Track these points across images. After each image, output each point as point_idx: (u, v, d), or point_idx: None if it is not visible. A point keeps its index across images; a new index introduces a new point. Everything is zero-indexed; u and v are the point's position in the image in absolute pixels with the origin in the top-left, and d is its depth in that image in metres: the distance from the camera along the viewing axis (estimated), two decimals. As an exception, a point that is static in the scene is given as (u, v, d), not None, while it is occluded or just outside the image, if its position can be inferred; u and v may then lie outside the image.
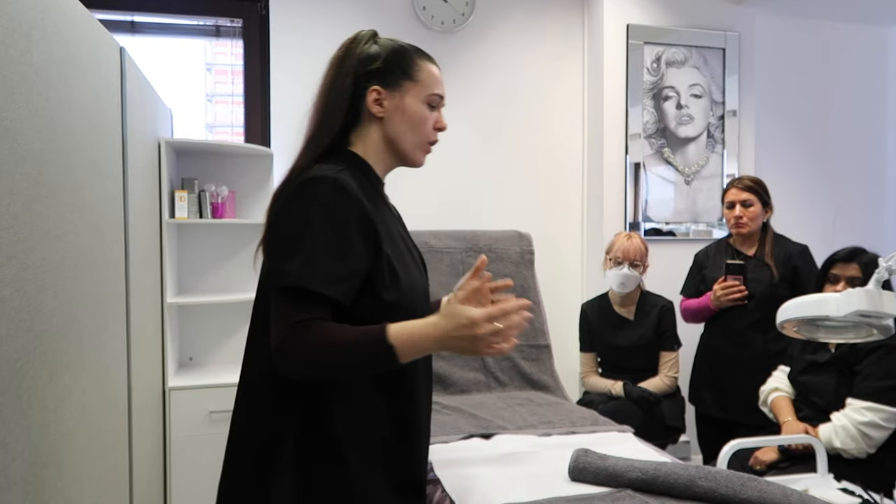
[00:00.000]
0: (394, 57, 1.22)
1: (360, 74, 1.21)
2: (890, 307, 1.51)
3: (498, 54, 3.32)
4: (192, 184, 2.73)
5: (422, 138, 1.24)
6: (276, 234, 1.13)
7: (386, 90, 1.21)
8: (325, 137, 1.21)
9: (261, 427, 1.14)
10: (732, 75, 3.42)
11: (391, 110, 1.21)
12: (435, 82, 1.24)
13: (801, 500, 1.31)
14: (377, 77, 1.21)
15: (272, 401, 1.13)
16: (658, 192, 3.35)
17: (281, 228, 1.13)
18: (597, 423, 2.03)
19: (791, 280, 2.55)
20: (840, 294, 1.57)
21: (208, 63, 9.45)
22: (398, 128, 1.22)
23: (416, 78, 1.22)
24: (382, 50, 1.23)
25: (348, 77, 1.20)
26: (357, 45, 1.23)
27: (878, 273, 1.53)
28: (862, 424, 2.00)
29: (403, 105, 1.21)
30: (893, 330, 1.59)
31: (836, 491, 1.78)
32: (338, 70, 1.22)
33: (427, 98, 1.23)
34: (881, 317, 1.53)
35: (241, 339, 2.89)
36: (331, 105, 1.21)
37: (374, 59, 1.21)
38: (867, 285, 1.55)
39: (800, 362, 2.29)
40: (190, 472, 2.48)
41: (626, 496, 1.38)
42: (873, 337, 1.64)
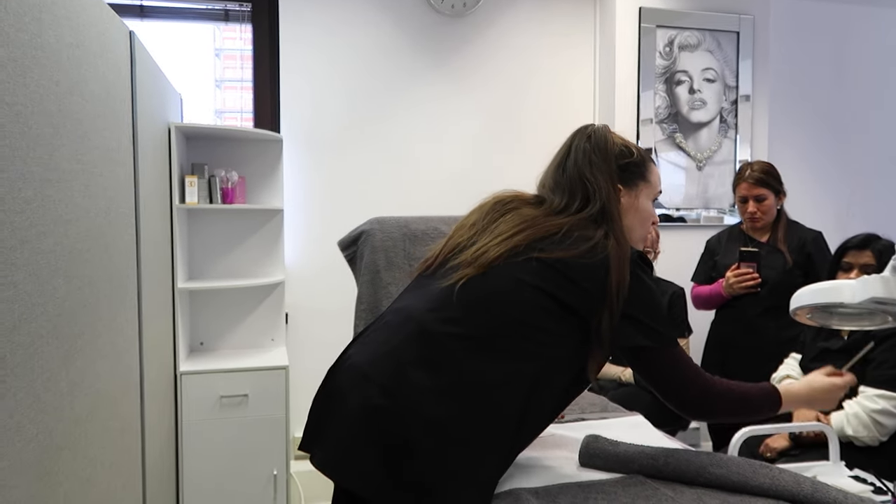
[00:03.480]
0: (637, 162, 1.38)
1: (616, 177, 1.34)
2: (905, 294, 1.49)
3: (508, 38, 3.29)
4: (202, 169, 2.74)
5: (645, 232, 1.41)
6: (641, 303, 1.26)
7: (625, 188, 1.36)
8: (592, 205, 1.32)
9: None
10: (746, 59, 3.38)
11: (627, 207, 1.36)
12: (658, 182, 1.42)
13: (813, 488, 1.30)
14: (621, 178, 1.35)
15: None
16: (669, 178, 3.32)
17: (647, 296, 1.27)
18: (607, 410, 2.03)
19: (804, 267, 2.52)
20: (855, 281, 1.55)
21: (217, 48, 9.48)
22: (630, 223, 1.36)
23: (648, 180, 1.39)
24: (629, 155, 1.37)
25: (606, 179, 1.32)
26: (613, 148, 1.36)
27: (893, 260, 1.51)
28: (874, 412, 1.99)
29: (637, 204, 1.37)
30: (908, 317, 1.57)
31: (848, 479, 1.77)
32: (591, 159, 1.34)
33: (653, 196, 1.41)
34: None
35: (250, 324, 2.92)
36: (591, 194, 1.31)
37: (622, 165, 1.36)
38: (883, 272, 1.53)
39: (812, 349, 2.27)
40: (201, 456, 2.50)
41: (637, 482, 1.37)
42: (888, 324, 1.62)
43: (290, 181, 3.07)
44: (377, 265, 2.11)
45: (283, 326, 2.95)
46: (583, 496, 1.31)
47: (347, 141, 3.15)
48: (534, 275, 1.22)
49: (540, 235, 1.26)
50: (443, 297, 1.24)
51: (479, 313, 1.21)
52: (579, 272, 1.22)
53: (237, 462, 2.54)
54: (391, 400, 1.15)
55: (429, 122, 3.24)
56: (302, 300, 3.09)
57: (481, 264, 1.25)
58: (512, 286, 1.22)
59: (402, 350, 1.20)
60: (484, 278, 1.24)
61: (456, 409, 1.14)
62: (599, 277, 1.22)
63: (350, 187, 3.15)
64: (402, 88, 3.20)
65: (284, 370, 2.60)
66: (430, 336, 1.20)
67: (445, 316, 1.21)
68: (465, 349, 1.18)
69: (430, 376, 1.16)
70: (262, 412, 2.56)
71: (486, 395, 1.16)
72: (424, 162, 3.24)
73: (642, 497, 1.30)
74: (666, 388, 1.30)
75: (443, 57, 3.23)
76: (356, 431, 1.15)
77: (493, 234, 1.29)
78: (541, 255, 1.23)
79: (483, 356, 1.18)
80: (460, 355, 1.18)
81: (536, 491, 1.33)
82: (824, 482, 1.36)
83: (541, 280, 1.21)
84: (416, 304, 1.28)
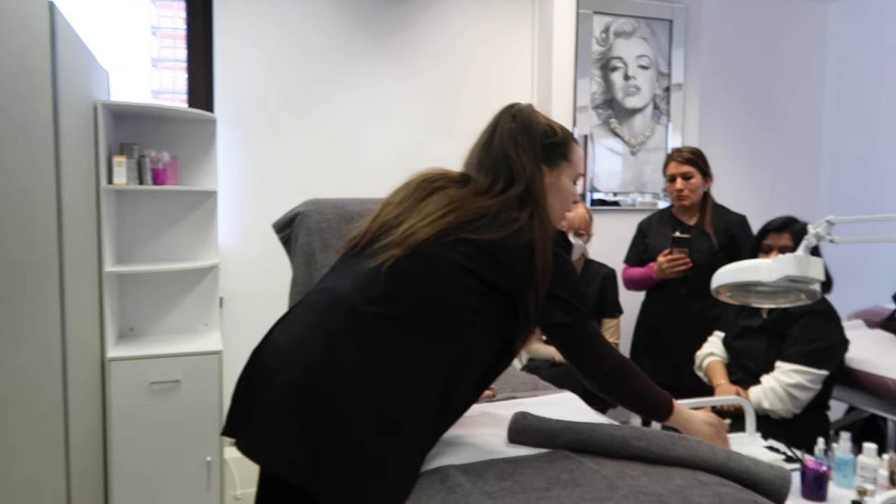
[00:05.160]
0: (561, 143, 1.40)
1: (541, 158, 1.36)
2: (816, 272, 1.57)
3: (448, 21, 3.29)
4: (131, 149, 2.64)
5: (564, 211, 1.43)
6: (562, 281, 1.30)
7: (548, 168, 1.37)
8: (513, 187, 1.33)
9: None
10: (679, 48, 3.47)
11: (550, 187, 1.37)
12: (580, 161, 1.45)
13: (727, 457, 1.37)
14: (544, 159, 1.37)
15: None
16: (606, 163, 3.39)
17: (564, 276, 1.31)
18: (538, 388, 2.07)
19: (729, 249, 2.62)
20: (771, 260, 1.63)
21: (153, 26, 9.10)
22: (552, 202, 1.37)
23: (570, 159, 1.41)
24: (554, 135, 1.39)
25: (530, 159, 1.34)
26: (537, 129, 1.38)
27: (806, 240, 1.59)
28: (789, 386, 2.10)
29: (559, 184, 1.39)
30: (820, 294, 1.66)
31: (763, 449, 1.87)
32: (516, 140, 1.36)
33: (574, 176, 1.43)
34: (808, 282, 1.60)
35: (183, 309, 2.85)
36: (515, 175, 1.33)
37: (545, 145, 1.38)
38: (796, 252, 1.61)
39: (734, 327, 2.37)
40: (131, 444, 2.44)
41: (562, 456, 1.41)
42: (801, 301, 1.70)
43: (224, 163, 3.00)
44: (312, 247, 2.09)
45: (217, 311, 2.89)
46: (509, 470, 1.34)
47: (284, 122, 3.09)
48: (462, 256, 1.23)
49: (468, 217, 1.27)
50: (370, 277, 1.24)
51: (406, 294, 1.22)
52: (506, 253, 1.25)
53: (169, 449, 2.49)
54: (315, 380, 1.15)
55: (368, 105, 3.21)
56: (237, 284, 3.03)
57: (409, 245, 1.25)
58: (440, 267, 1.23)
59: (328, 330, 1.19)
60: (412, 259, 1.24)
61: (382, 388, 1.15)
62: (525, 258, 1.25)
63: (287, 169, 3.10)
64: (341, 70, 3.16)
65: (218, 355, 2.55)
66: (357, 316, 1.20)
67: (373, 296, 1.22)
68: (392, 329, 1.19)
69: (357, 356, 1.16)
70: (195, 398, 2.51)
71: (413, 373, 1.18)
72: (364, 144, 3.22)
73: (567, 470, 1.34)
74: (583, 360, 1.35)
75: (382, 39, 3.20)
76: (281, 414, 1.14)
77: (422, 215, 1.29)
78: (469, 237, 1.25)
79: (410, 336, 1.19)
80: (387, 335, 1.18)
81: (464, 467, 1.35)
82: (738, 452, 1.42)
83: (468, 261, 1.23)
84: (343, 284, 1.27)
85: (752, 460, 1.38)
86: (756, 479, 1.34)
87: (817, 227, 1.60)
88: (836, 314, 2.25)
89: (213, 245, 2.87)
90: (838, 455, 1.71)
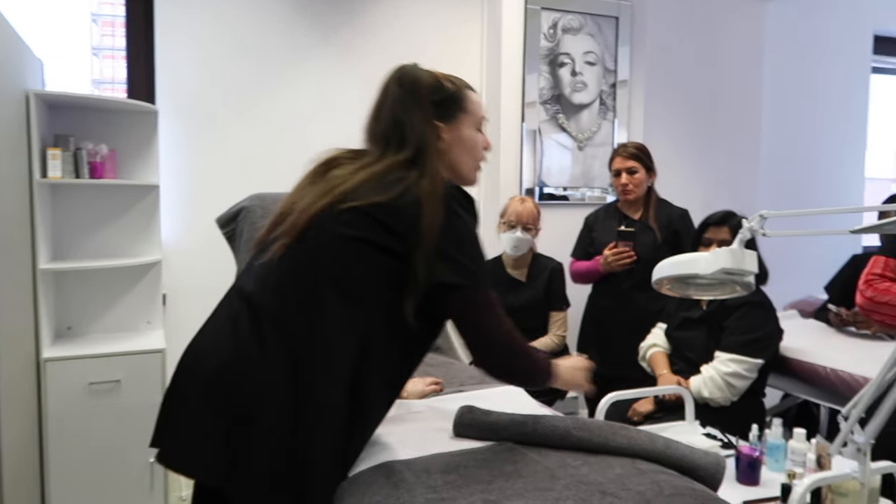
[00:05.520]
0: (448, 92, 1.36)
1: (431, 115, 1.32)
2: (751, 265, 1.62)
3: (396, 15, 3.27)
4: (67, 141, 2.55)
5: (475, 160, 1.41)
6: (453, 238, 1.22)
7: (444, 124, 1.33)
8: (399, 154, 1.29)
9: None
10: (625, 45, 3.53)
11: (450, 142, 1.34)
12: (479, 108, 1.41)
13: (665, 445, 1.40)
14: (437, 115, 1.33)
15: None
16: (555, 158, 3.43)
17: (458, 232, 1.23)
18: (484, 382, 2.08)
19: (672, 243, 2.69)
20: (708, 253, 1.67)
21: (94, 14, 8.71)
22: (457, 156, 1.35)
23: (467, 109, 1.37)
24: (442, 88, 1.36)
25: (419, 118, 1.30)
26: (422, 86, 1.34)
27: (741, 233, 1.63)
28: (727, 375, 2.17)
29: (460, 136, 1.36)
30: (754, 286, 1.72)
31: (700, 436, 1.93)
32: (402, 103, 1.32)
33: (476, 123, 1.39)
34: (743, 274, 1.65)
35: (125, 307, 2.77)
36: (405, 136, 1.30)
37: (436, 100, 1.34)
38: (732, 245, 1.66)
39: (675, 319, 2.44)
40: (69, 447, 2.36)
41: (506, 448, 1.43)
42: (737, 293, 1.76)
43: (167, 156, 2.92)
44: (257, 243, 2.06)
45: (160, 308, 2.82)
46: (454, 464, 1.34)
47: (229, 114, 3.03)
48: (348, 226, 1.20)
49: (353, 186, 1.23)
50: (267, 270, 1.23)
51: (300, 279, 1.19)
52: (391, 214, 1.20)
53: (110, 452, 2.42)
54: (224, 381, 1.15)
55: (315, 98, 3.17)
56: (181, 280, 2.96)
57: (297, 229, 1.22)
58: (328, 244, 1.20)
59: (235, 328, 1.19)
60: (302, 243, 1.21)
61: (290, 379, 1.14)
62: (411, 216, 1.19)
63: (232, 163, 3.04)
64: (288, 62, 3.11)
65: (161, 353, 2.49)
66: (258, 309, 1.19)
67: (270, 287, 1.21)
68: (292, 317, 1.17)
69: (261, 351, 1.15)
70: (137, 398, 2.44)
71: (318, 359, 1.15)
72: (310, 138, 3.18)
73: (510, 462, 1.35)
74: (472, 331, 1.26)
75: (329, 32, 3.16)
76: (194, 417, 1.14)
77: (311, 196, 1.26)
78: (353, 205, 1.21)
79: (310, 321, 1.16)
80: (288, 325, 1.17)
81: (409, 462, 1.35)
82: (677, 440, 1.46)
83: (355, 230, 1.19)
84: (248, 281, 1.26)
85: (688, 448, 1.42)
86: (692, 465, 1.38)
87: (752, 221, 1.65)
88: (771, 305, 2.33)
89: (155, 241, 2.79)
90: (770, 440, 1.78)
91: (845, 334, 2.84)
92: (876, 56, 4.56)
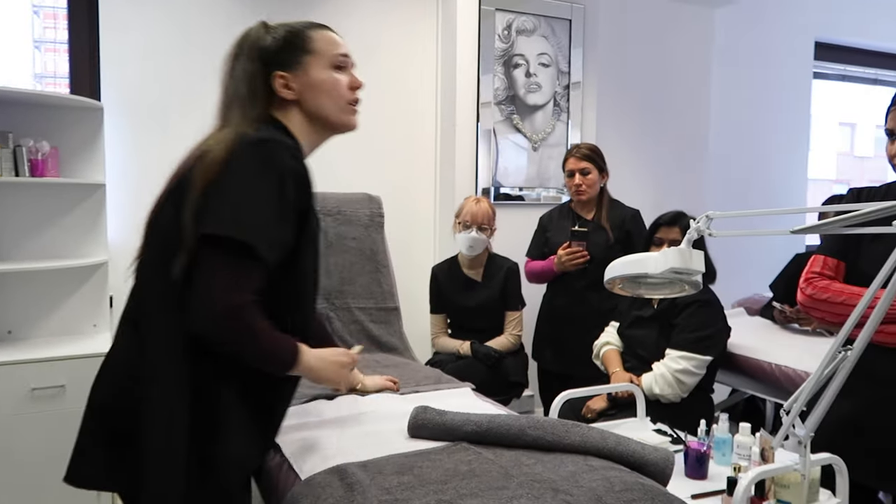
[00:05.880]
0: (287, 39, 1.26)
1: (261, 66, 1.24)
2: (698, 264, 1.66)
3: (349, 13, 3.24)
4: (5, 138, 2.45)
5: (341, 101, 1.29)
6: (228, 184, 1.09)
7: (289, 72, 1.25)
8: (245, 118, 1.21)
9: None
10: (578, 47, 3.57)
11: (302, 88, 1.25)
12: (332, 45, 1.29)
13: (616, 442, 1.43)
14: (277, 63, 1.24)
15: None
16: (510, 158, 3.45)
17: (235, 180, 1.10)
18: (440, 382, 2.09)
19: (624, 243, 2.73)
20: (658, 253, 1.71)
21: (35, 5, 8.42)
22: (315, 101, 1.26)
23: (312, 50, 1.26)
24: (275, 36, 1.26)
25: (247, 72, 1.24)
26: (248, 40, 1.26)
27: (689, 233, 1.67)
28: (677, 372, 2.22)
29: (310, 79, 1.25)
30: (702, 285, 1.76)
31: (651, 432, 1.97)
32: (233, 64, 1.26)
33: (330, 63, 1.28)
34: (691, 273, 1.68)
35: (69, 310, 2.68)
36: (241, 95, 1.23)
37: (270, 48, 1.25)
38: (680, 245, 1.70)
39: (627, 317, 2.48)
40: (11, 454, 2.27)
41: (461, 448, 1.44)
42: (685, 292, 1.79)
43: (113, 153, 2.83)
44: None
45: (107, 311, 2.73)
46: (409, 465, 1.34)
47: (178, 111, 2.95)
48: (174, 206, 1.14)
49: (188, 166, 1.17)
50: (134, 277, 1.24)
51: (150, 277, 1.20)
52: (195, 175, 1.12)
53: (54, 460, 2.31)
54: (109, 393, 1.22)
55: (268, 96, 3.12)
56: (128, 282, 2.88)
57: (147, 229, 1.22)
58: (164, 233, 1.16)
59: (116, 341, 1.24)
60: (148, 244, 1.21)
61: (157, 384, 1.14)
62: (199, 170, 1.12)
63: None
64: (239, 59, 3.05)
65: (108, 357, 2.41)
66: (127, 316, 1.24)
67: (134, 293, 1.24)
68: (150, 318, 1.17)
69: (125, 355, 1.20)
70: (83, 404, 2.34)
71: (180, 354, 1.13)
72: (264, 137, 3.12)
73: (465, 462, 1.36)
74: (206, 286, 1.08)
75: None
76: (86, 429, 1.23)
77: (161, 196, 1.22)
78: (180, 180, 1.16)
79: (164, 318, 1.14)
80: (147, 328, 1.17)
81: (364, 464, 1.35)
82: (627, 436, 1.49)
83: (179, 207, 1.12)
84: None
85: (638, 444, 1.45)
86: (642, 461, 1.41)
87: (699, 222, 1.69)
88: (719, 303, 2.40)
89: (101, 241, 2.71)
90: (717, 435, 1.83)
91: (789, 331, 2.95)
92: (817, 62, 4.73)
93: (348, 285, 2.64)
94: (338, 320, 2.55)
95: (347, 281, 2.65)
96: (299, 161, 1.17)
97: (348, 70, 1.31)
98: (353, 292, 2.64)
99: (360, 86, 1.32)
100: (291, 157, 1.15)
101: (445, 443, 1.48)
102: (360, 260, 2.69)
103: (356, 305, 2.62)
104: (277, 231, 1.11)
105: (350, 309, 2.60)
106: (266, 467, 1.52)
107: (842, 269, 1.75)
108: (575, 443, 1.43)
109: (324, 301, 2.58)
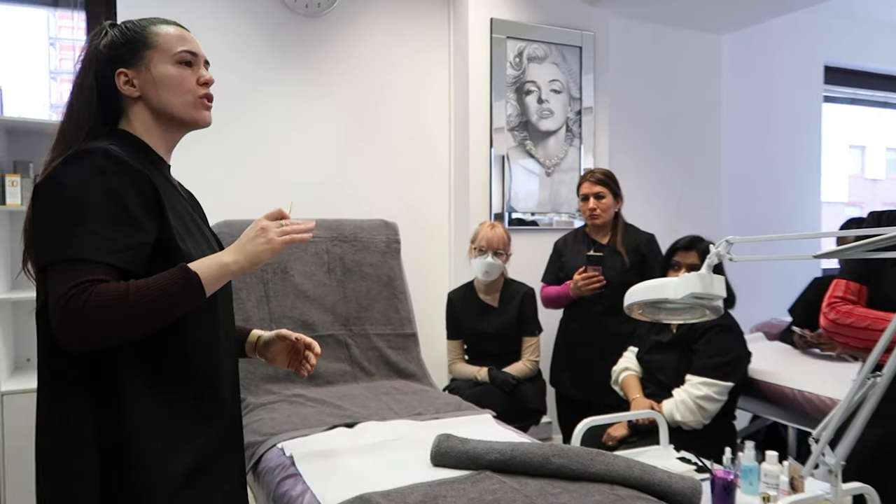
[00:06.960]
0: (127, 35, 1.23)
1: (102, 65, 1.21)
2: (719, 289, 1.65)
3: (365, 41, 3.29)
4: (26, 167, 2.49)
5: (188, 97, 1.25)
6: (48, 210, 1.08)
7: (132, 69, 1.22)
8: (81, 130, 1.18)
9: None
10: (588, 73, 3.60)
11: (144, 84, 1.22)
12: (176, 41, 1.25)
13: (642, 471, 1.41)
14: (119, 61, 1.21)
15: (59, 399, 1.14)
16: (523, 184, 3.46)
17: (54, 203, 1.07)
18: (460, 409, 2.08)
19: (640, 267, 2.72)
20: (678, 278, 1.70)
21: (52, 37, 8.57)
22: (158, 97, 1.23)
23: (154, 44, 1.23)
24: (116, 34, 1.23)
25: (90, 71, 1.21)
26: (95, 39, 1.24)
27: (709, 259, 1.67)
28: (699, 398, 2.19)
29: (152, 75, 1.22)
30: (723, 310, 1.75)
31: (675, 460, 1.94)
32: (82, 67, 1.23)
33: (174, 58, 1.24)
34: (712, 298, 1.67)
35: (87, 337, 2.68)
36: (81, 100, 1.20)
37: (111, 45, 1.22)
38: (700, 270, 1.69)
39: (646, 342, 2.46)
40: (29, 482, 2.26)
41: (485, 477, 1.42)
42: (706, 317, 1.79)
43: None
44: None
45: (124, 338, 2.74)
46: (433, 494, 1.33)
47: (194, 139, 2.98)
48: None
49: None
50: None
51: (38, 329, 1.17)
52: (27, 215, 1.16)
53: (71, 488, 2.32)
54: None
55: (283, 124, 3.16)
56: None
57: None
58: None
59: None
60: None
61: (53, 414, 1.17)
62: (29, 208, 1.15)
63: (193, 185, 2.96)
64: (255, 88, 3.10)
65: (125, 385, 2.41)
66: None
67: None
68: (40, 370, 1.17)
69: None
70: (100, 431, 2.36)
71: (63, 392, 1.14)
72: (278, 163, 3.16)
73: (489, 491, 1.34)
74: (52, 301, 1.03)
75: (297, 58, 3.16)
76: None
77: None
78: None
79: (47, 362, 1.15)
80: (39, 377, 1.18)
81: (388, 493, 1.33)
82: (653, 465, 1.47)
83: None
84: None
85: (665, 472, 1.42)
86: (669, 490, 1.39)
87: (718, 247, 1.69)
88: (738, 328, 2.38)
89: (118, 269, 2.72)
90: (743, 463, 1.79)
91: (810, 356, 2.91)
92: (827, 86, 4.75)
93: (366, 311, 2.64)
94: (356, 346, 2.55)
95: (365, 307, 2.65)
96: (118, 163, 1.09)
97: (197, 66, 1.28)
98: (371, 318, 2.64)
99: (211, 82, 1.29)
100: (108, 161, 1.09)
101: (469, 471, 1.46)
102: (377, 286, 2.70)
103: (374, 332, 2.62)
104: (120, 235, 1.07)
105: (368, 335, 2.60)
106: (287, 496, 1.51)
107: (864, 294, 1.74)
108: (600, 471, 1.41)
109: (342, 327, 2.58)
